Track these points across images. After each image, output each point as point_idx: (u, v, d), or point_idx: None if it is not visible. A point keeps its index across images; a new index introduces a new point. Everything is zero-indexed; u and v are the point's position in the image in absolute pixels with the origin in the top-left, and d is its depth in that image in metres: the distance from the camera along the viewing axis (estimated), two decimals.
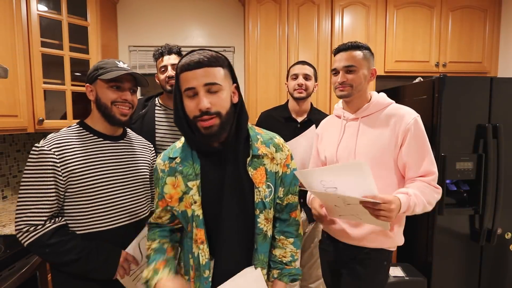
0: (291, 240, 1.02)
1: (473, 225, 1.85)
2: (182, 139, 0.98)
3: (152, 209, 1.26)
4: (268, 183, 0.93)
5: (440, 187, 1.15)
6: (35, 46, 1.85)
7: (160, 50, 1.62)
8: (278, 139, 1.00)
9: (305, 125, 1.69)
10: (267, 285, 0.96)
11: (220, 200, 0.91)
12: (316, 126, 1.75)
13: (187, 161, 0.92)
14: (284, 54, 2.35)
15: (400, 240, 1.23)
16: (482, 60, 2.50)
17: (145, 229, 1.12)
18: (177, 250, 1.02)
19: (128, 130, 1.28)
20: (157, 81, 1.69)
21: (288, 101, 1.84)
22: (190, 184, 0.90)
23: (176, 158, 0.94)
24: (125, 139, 1.21)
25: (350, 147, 1.22)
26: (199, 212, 0.89)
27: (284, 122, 1.76)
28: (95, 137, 1.12)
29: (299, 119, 1.77)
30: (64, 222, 1.05)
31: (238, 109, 0.93)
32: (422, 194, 1.08)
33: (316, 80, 1.78)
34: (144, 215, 1.21)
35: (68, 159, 1.03)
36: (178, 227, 1.04)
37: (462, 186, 1.87)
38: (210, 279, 0.90)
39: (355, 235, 1.21)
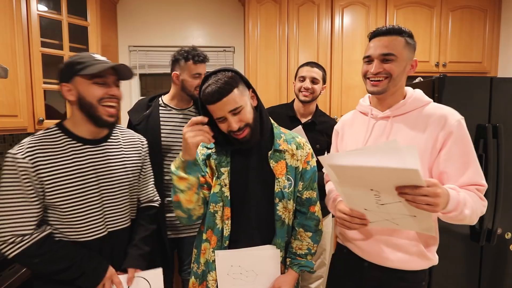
0: (309, 234, 1.13)
1: (473, 225, 1.85)
2: None
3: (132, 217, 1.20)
4: (288, 175, 1.07)
5: (486, 200, 0.95)
6: (35, 46, 1.85)
7: (201, 57, 1.56)
8: (300, 139, 1.14)
9: (308, 127, 1.69)
10: (280, 268, 1.09)
11: (246, 186, 1.06)
12: (318, 129, 1.75)
13: (221, 151, 1.08)
14: (284, 54, 2.35)
15: (436, 259, 1.05)
16: (482, 60, 2.50)
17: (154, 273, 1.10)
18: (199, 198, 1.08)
19: (117, 126, 1.17)
20: (175, 79, 1.59)
21: (294, 100, 1.83)
22: (222, 169, 1.06)
23: (212, 148, 1.10)
24: (109, 140, 1.10)
25: None
26: (227, 193, 1.05)
27: (288, 121, 1.76)
28: (74, 141, 1.01)
29: (303, 120, 1.76)
30: (50, 230, 0.99)
31: (259, 109, 1.07)
32: (471, 198, 0.89)
33: (324, 82, 1.77)
34: (126, 225, 1.13)
35: (41, 167, 0.95)
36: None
37: None
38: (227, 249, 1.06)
39: (390, 258, 1.02)
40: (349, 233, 1.12)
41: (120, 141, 1.14)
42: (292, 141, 1.11)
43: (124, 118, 1.79)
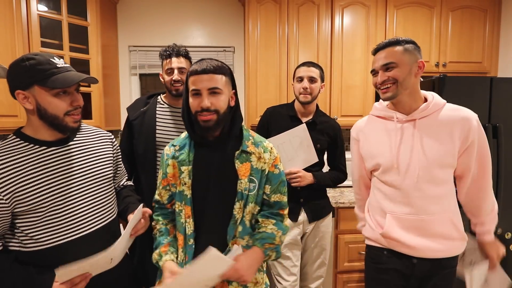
0: (273, 221, 1.11)
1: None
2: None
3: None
4: (251, 177, 1.06)
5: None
6: (35, 46, 1.85)
7: (168, 52, 1.60)
8: (267, 143, 1.13)
9: (309, 126, 1.69)
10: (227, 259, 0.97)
11: (208, 186, 1.06)
12: (319, 128, 1.75)
13: (184, 149, 1.09)
14: (284, 54, 2.35)
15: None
16: (482, 60, 2.50)
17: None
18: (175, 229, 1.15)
19: (81, 124, 1.10)
20: (161, 80, 1.67)
21: (294, 100, 1.83)
22: (182, 168, 1.07)
23: (176, 146, 1.11)
24: (75, 139, 1.05)
25: (412, 150, 1.13)
26: (187, 192, 1.06)
27: (289, 121, 1.76)
28: (37, 146, 0.95)
29: (304, 120, 1.76)
30: None
31: (233, 111, 1.09)
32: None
33: (322, 80, 1.77)
34: (111, 218, 1.10)
35: (6, 179, 0.89)
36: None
37: None
38: (193, 248, 1.05)
39: (430, 247, 1.12)
40: (394, 233, 1.16)
41: (87, 136, 1.10)
42: (260, 144, 1.11)
43: (124, 114, 1.79)
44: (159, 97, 1.69)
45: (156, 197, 1.17)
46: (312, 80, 1.70)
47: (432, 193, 1.12)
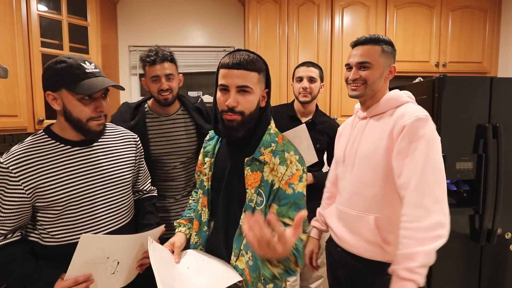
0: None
1: (473, 225, 1.85)
2: None
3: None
4: (260, 190, 0.92)
5: None
6: (35, 46, 1.85)
7: (152, 58, 1.43)
8: (290, 155, 0.95)
9: (308, 126, 1.69)
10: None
11: (221, 184, 1.01)
12: (318, 128, 1.75)
13: (212, 141, 1.09)
14: (284, 54, 2.35)
15: None
16: (482, 60, 2.50)
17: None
18: None
19: (107, 125, 1.12)
20: (145, 87, 1.51)
21: (294, 100, 1.83)
22: (206, 159, 1.07)
23: (208, 136, 1.14)
24: (100, 140, 1.08)
25: (355, 147, 1.15)
26: (206, 183, 1.05)
27: (288, 121, 1.76)
28: (62, 145, 0.99)
29: (303, 120, 1.77)
30: (15, 239, 0.95)
31: (261, 113, 0.99)
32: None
33: (322, 80, 1.77)
34: (126, 221, 1.12)
35: (30, 173, 0.93)
36: None
37: (462, 186, 1.87)
38: (207, 233, 1.05)
39: (349, 241, 1.13)
40: (328, 220, 1.28)
41: (111, 139, 1.12)
42: (279, 154, 0.94)
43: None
44: (146, 105, 1.56)
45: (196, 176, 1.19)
46: (311, 80, 1.71)
47: (361, 191, 1.11)
